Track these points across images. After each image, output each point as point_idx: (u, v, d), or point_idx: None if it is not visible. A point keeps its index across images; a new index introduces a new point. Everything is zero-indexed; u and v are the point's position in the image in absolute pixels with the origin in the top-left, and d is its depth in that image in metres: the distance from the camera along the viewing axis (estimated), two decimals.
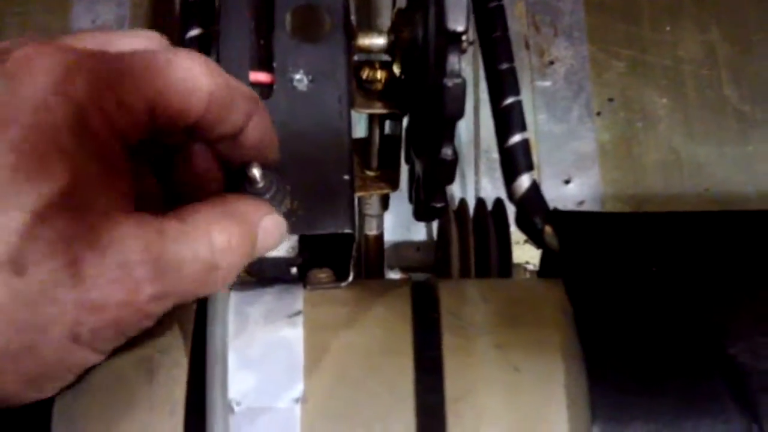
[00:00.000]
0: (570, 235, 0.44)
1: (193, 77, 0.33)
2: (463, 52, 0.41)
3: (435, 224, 0.85)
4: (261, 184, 0.37)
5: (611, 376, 0.37)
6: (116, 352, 0.38)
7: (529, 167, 0.49)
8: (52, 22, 1.05)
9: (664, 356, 0.38)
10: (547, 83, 1.04)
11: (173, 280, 0.32)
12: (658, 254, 0.43)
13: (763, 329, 0.39)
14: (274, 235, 0.37)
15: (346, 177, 0.40)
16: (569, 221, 0.45)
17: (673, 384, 0.37)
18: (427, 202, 0.50)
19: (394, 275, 0.90)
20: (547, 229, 0.46)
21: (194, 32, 0.51)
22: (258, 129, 0.36)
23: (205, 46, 0.51)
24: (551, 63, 1.05)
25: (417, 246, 0.91)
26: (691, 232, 0.44)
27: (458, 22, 0.39)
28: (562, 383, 0.38)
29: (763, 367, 0.37)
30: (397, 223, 0.92)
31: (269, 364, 0.38)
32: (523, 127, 0.51)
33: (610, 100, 1.04)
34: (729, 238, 0.44)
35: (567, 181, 1.00)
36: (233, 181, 0.38)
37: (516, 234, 0.53)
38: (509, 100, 0.51)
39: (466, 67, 0.93)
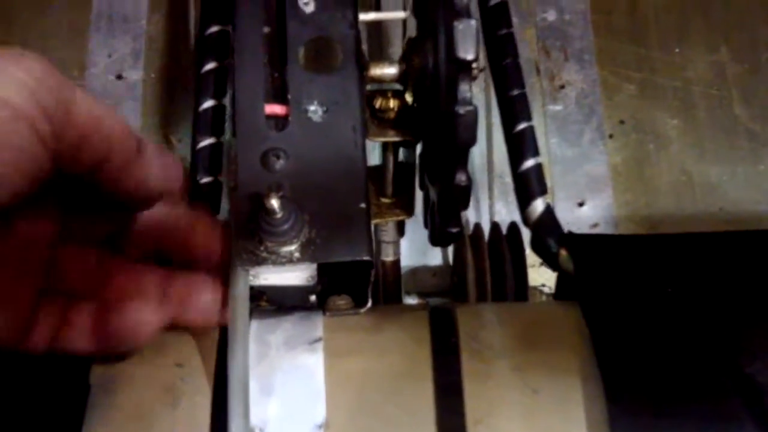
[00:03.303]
0: (585, 258, 0.44)
1: None
2: (473, 79, 0.42)
3: (451, 248, 0.85)
4: (279, 215, 0.38)
5: (630, 398, 0.37)
6: (138, 379, 0.39)
7: (543, 191, 0.50)
8: (70, 55, 1.06)
9: (682, 377, 0.38)
10: (559, 107, 1.05)
11: None
12: (673, 275, 0.43)
13: None
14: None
15: (363, 205, 0.41)
16: (584, 244, 0.46)
17: (692, 406, 0.37)
18: (443, 227, 0.50)
19: (411, 300, 0.90)
20: (562, 252, 0.46)
21: (210, 66, 0.52)
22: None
23: (221, 79, 0.52)
24: (562, 87, 1.06)
25: (433, 271, 0.92)
26: (706, 253, 0.45)
27: (468, 50, 0.40)
28: (580, 405, 0.38)
29: None
30: (413, 249, 0.92)
31: (290, 390, 0.38)
32: (535, 152, 0.51)
33: (622, 122, 1.04)
34: (743, 258, 0.44)
35: (581, 204, 1.01)
36: (253, 213, 0.39)
37: (531, 257, 0.53)
38: (521, 126, 0.52)
39: (478, 93, 0.94)
